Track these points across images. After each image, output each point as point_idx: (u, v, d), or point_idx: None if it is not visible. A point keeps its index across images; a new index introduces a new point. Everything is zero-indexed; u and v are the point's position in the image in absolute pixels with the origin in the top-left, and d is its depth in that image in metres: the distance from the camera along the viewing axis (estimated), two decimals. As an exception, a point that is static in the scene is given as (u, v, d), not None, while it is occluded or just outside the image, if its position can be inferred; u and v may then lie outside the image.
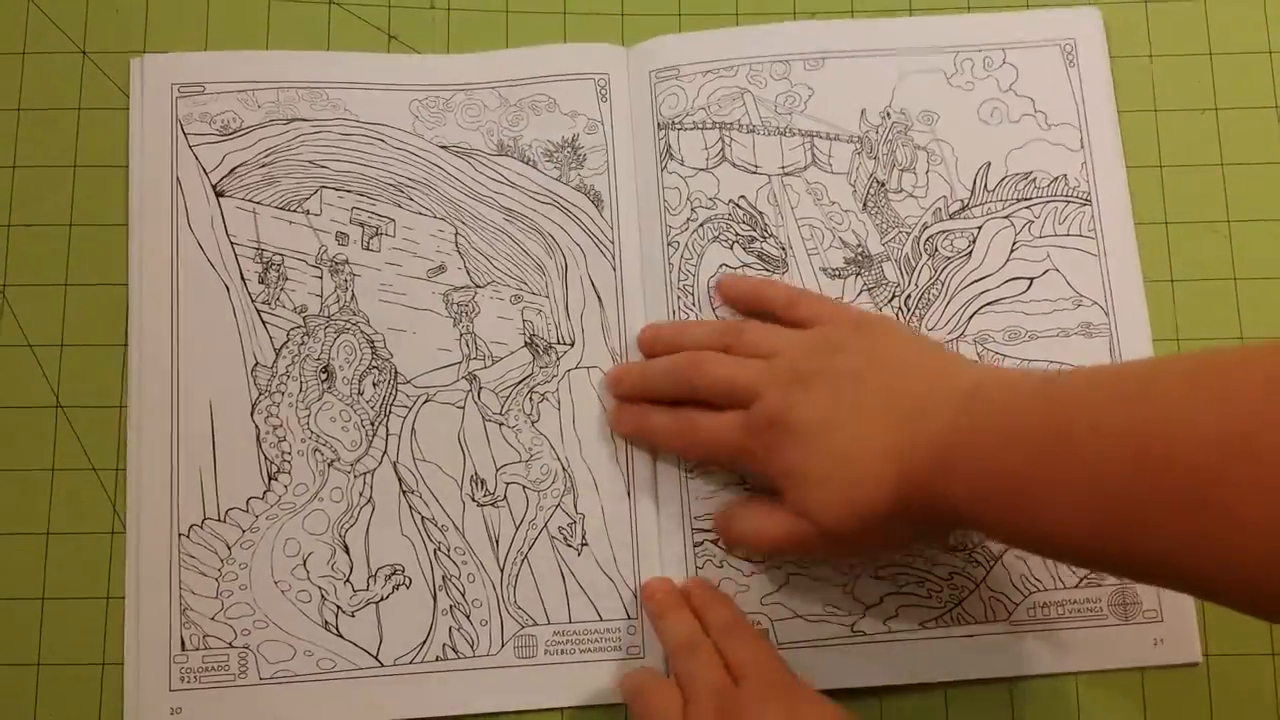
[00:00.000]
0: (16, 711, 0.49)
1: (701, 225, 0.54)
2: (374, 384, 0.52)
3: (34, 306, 0.53)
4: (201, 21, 0.56)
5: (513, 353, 0.53)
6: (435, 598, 0.50)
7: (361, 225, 0.54)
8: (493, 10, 0.57)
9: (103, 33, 0.55)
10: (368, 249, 0.54)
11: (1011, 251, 0.53)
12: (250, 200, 0.54)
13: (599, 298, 0.54)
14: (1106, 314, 0.52)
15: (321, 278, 0.53)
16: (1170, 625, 0.49)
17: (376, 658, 0.50)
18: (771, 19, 0.56)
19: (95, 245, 0.53)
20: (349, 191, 0.54)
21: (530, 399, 0.52)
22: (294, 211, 0.54)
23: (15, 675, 0.49)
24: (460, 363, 0.53)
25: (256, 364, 0.52)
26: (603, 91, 0.55)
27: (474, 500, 0.51)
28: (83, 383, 0.52)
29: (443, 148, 0.55)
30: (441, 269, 0.54)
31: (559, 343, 0.53)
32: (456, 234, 0.54)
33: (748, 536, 0.48)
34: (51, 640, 0.50)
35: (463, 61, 0.56)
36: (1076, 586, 0.49)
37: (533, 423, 0.52)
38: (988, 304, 0.52)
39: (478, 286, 0.53)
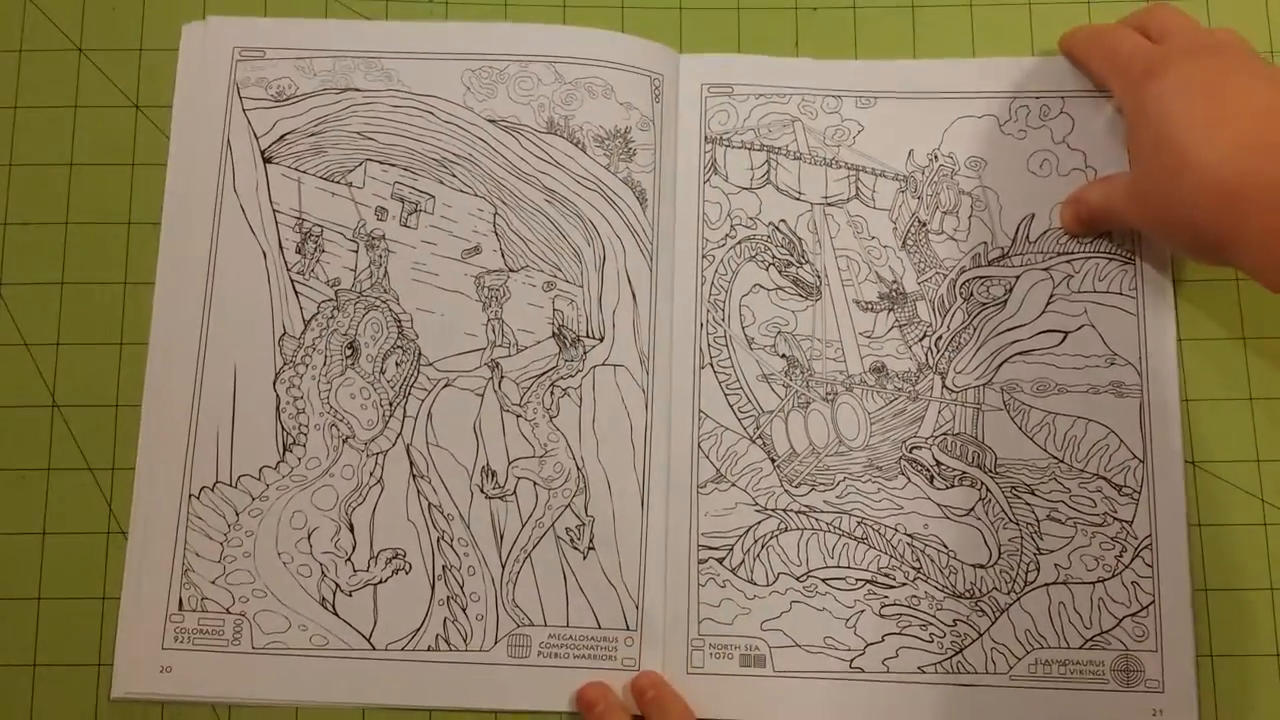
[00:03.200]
0: (12, 712, 0.48)
1: (740, 243, 0.52)
2: (397, 364, 0.51)
3: (30, 305, 0.51)
4: (199, 18, 0.54)
5: (539, 342, 0.51)
6: (433, 587, 0.49)
7: (402, 200, 0.52)
8: (491, 3, 0.55)
9: (99, 31, 0.54)
10: (405, 225, 0.52)
11: (1048, 304, 0.51)
12: (296, 169, 0.52)
13: (634, 295, 0.52)
14: (1139, 374, 0.50)
15: (357, 252, 0.52)
16: (1171, 696, 0.47)
17: (369, 640, 0.48)
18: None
19: (92, 243, 0.52)
20: (393, 165, 0.52)
21: (551, 393, 0.50)
22: (337, 183, 0.52)
23: (11, 676, 0.48)
24: (485, 349, 0.51)
25: (284, 334, 0.51)
26: (657, 92, 0.53)
27: (483, 492, 0.50)
28: (79, 382, 0.51)
29: (491, 122, 0.53)
30: (477, 250, 0.52)
31: (588, 336, 0.51)
32: (495, 214, 0.52)
33: (1092, 211, 0.50)
34: (47, 641, 0.48)
35: (521, 31, 0.54)
36: (1081, 648, 0.48)
37: (551, 418, 0.50)
38: (1019, 353, 0.51)
39: (511, 271, 0.52)
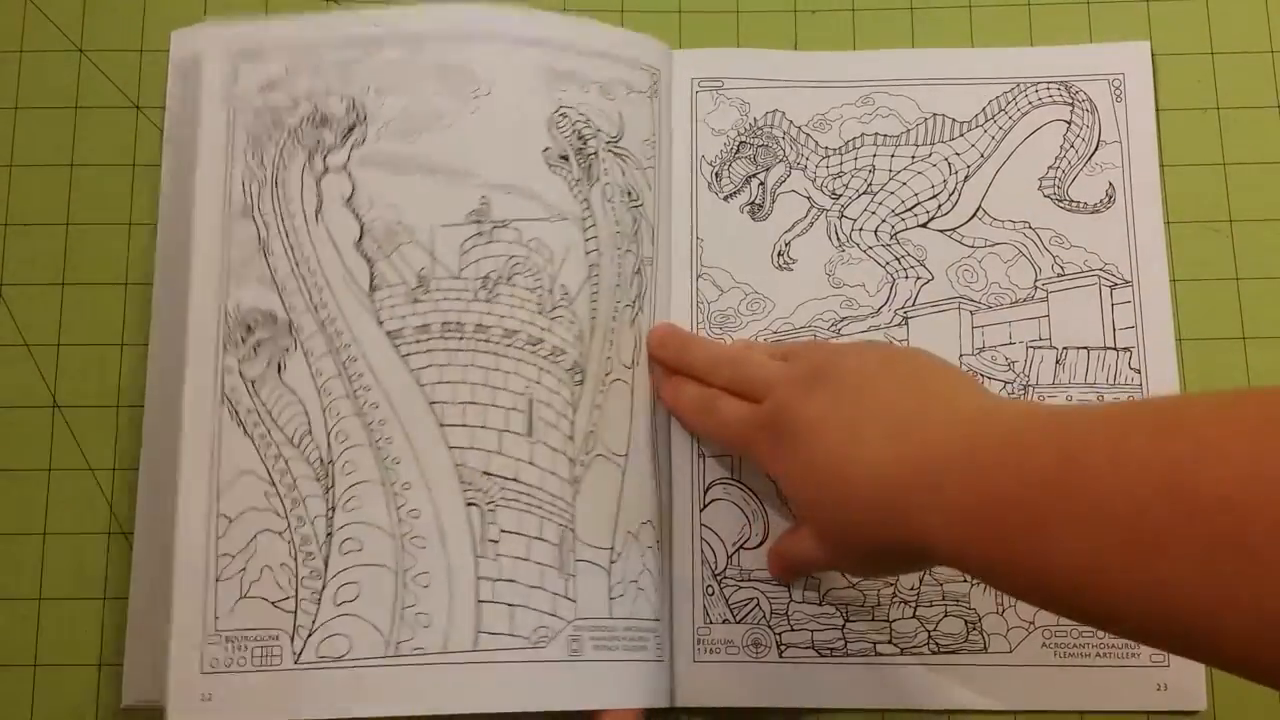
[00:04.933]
0: (11, 714, 0.47)
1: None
2: None
3: (31, 306, 0.51)
4: (199, 18, 0.53)
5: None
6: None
7: None
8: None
9: (99, 31, 0.53)
10: None
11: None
12: None
13: None
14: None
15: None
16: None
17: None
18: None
19: (93, 244, 0.51)
20: None
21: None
22: None
23: (11, 676, 0.48)
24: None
25: None
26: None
27: None
28: (80, 383, 0.50)
29: None
30: None
31: None
32: None
33: (793, 563, 0.47)
34: (47, 642, 0.48)
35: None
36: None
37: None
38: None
39: None
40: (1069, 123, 0.52)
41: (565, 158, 0.49)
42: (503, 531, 0.45)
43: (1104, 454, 0.30)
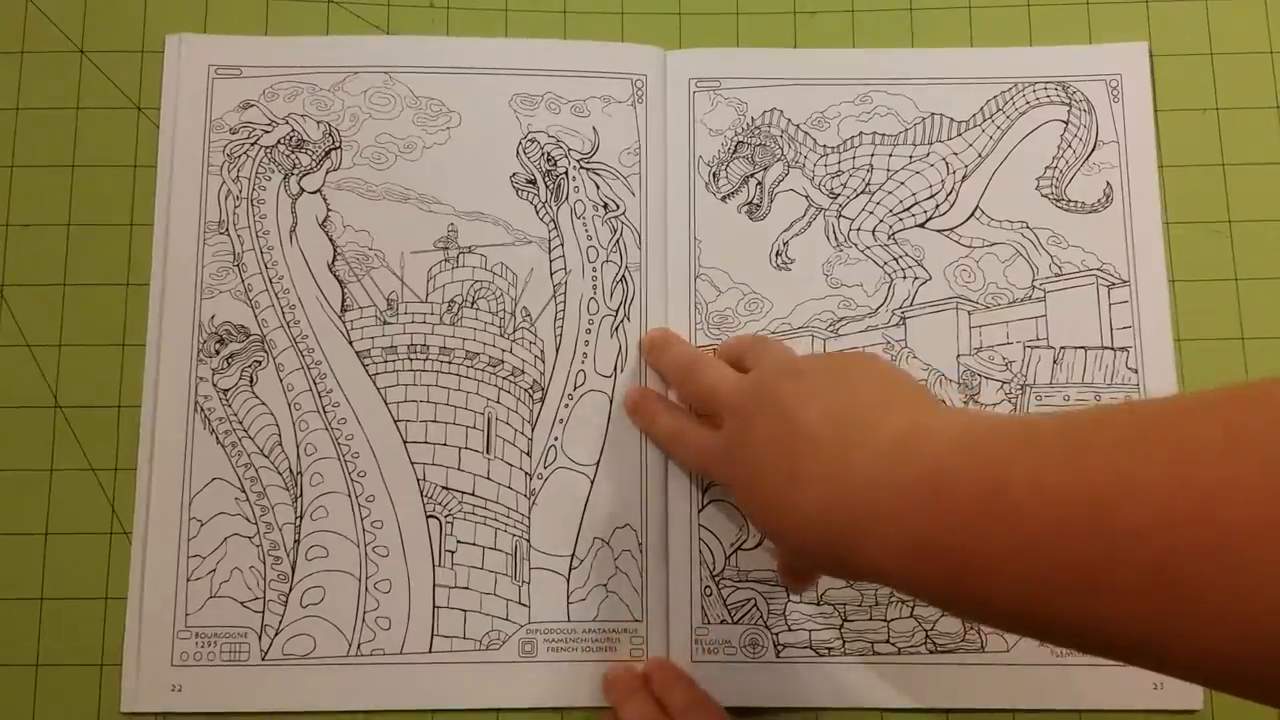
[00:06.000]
0: (14, 713, 0.47)
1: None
2: None
3: (32, 306, 0.51)
4: (200, 19, 0.53)
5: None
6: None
7: None
8: (492, 9, 0.54)
9: (100, 31, 0.53)
10: None
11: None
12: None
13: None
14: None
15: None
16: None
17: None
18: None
19: (93, 244, 0.51)
20: None
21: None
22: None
23: (13, 676, 0.47)
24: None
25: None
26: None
27: None
28: (81, 383, 0.50)
29: None
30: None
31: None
32: None
33: (793, 572, 0.46)
34: (50, 641, 0.48)
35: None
36: (1082, 625, 0.48)
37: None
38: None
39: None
40: (1066, 122, 0.52)
41: (533, 181, 0.51)
42: (459, 542, 0.48)
43: (1024, 487, 0.29)
